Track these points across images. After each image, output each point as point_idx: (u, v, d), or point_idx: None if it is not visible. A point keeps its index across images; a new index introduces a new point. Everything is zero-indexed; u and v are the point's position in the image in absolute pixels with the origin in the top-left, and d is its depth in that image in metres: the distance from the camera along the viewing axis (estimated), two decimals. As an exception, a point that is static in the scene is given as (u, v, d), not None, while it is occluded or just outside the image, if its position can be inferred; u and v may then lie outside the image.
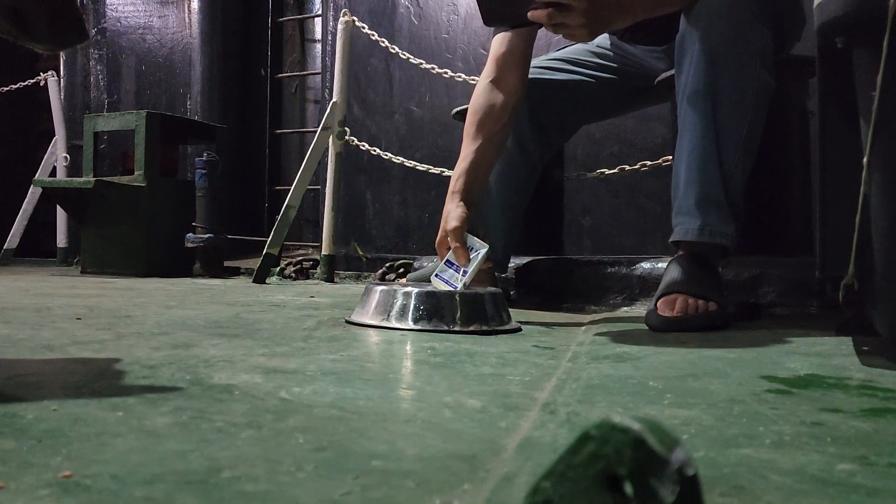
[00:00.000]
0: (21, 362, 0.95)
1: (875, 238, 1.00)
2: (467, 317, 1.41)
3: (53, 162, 4.85)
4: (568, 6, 1.48)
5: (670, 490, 0.33)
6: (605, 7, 1.51)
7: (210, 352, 1.05)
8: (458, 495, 0.48)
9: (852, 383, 0.91)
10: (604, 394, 0.83)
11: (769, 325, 1.57)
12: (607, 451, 0.34)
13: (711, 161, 1.56)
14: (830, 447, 0.61)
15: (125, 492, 0.46)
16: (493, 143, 1.81)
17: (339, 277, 3.53)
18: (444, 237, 1.64)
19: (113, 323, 1.37)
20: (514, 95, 1.85)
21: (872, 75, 0.91)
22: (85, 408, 0.68)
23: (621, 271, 2.13)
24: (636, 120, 3.59)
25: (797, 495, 0.49)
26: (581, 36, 1.54)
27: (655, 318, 1.48)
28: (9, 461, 0.51)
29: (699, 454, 0.58)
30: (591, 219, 3.88)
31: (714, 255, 1.60)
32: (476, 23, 4.36)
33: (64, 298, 1.95)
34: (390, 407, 0.74)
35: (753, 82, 1.56)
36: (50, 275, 3.52)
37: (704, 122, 1.56)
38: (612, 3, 1.52)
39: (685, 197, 1.59)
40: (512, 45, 1.87)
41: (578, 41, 1.74)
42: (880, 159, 0.96)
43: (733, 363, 1.05)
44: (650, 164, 2.92)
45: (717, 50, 1.54)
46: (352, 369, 0.94)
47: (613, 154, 3.74)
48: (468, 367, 0.99)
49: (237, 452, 0.55)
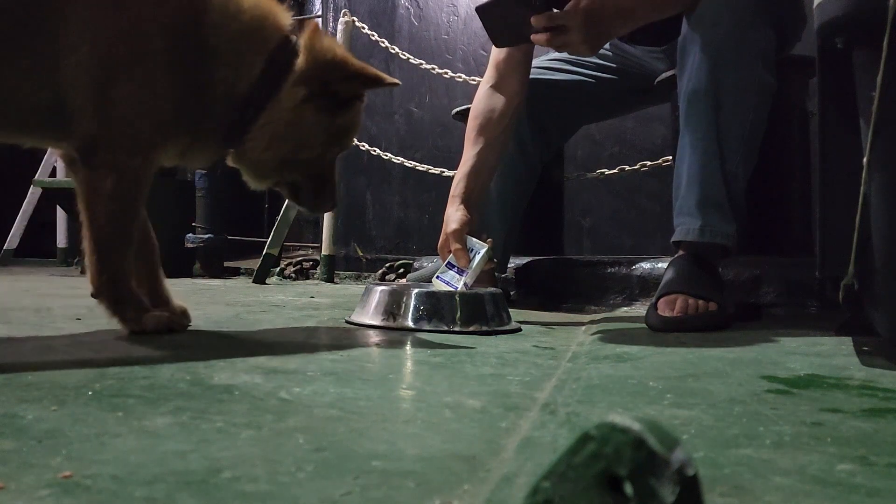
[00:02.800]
0: (21, 362, 0.95)
1: (875, 238, 1.00)
2: (467, 317, 1.42)
3: (53, 162, 4.85)
4: (564, 27, 1.50)
5: (670, 490, 0.33)
6: (601, 21, 1.52)
7: (210, 352, 1.05)
8: (458, 495, 0.48)
9: (852, 383, 0.91)
10: (604, 394, 0.83)
11: (769, 325, 1.57)
12: (607, 452, 0.34)
13: (713, 161, 1.56)
14: (830, 447, 0.61)
15: (125, 492, 0.46)
16: (494, 148, 1.82)
17: (339, 278, 3.53)
18: (446, 240, 1.65)
19: (113, 323, 1.37)
20: (515, 100, 1.86)
21: (872, 75, 0.91)
22: (85, 408, 0.68)
23: (621, 271, 2.13)
24: (636, 120, 3.59)
25: (797, 495, 0.49)
26: (584, 51, 1.56)
27: (655, 318, 1.48)
28: (9, 461, 0.51)
29: (699, 454, 0.58)
30: (591, 219, 3.88)
31: (715, 255, 1.60)
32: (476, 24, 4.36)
33: (64, 298, 1.95)
34: (390, 407, 0.74)
35: (755, 82, 1.56)
36: (50, 275, 3.52)
37: (706, 121, 1.56)
38: (608, 16, 1.53)
39: (686, 197, 1.59)
40: (511, 50, 1.88)
41: (584, 56, 1.75)
42: (880, 159, 0.96)
43: (733, 363, 1.05)
44: (650, 165, 2.92)
45: (720, 50, 1.54)
46: (352, 369, 0.94)
47: (613, 154, 3.74)
48: (468, 367, 0.99)
49: (237, 452, 0.55)
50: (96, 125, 1.13)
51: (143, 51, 1.14)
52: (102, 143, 1.14)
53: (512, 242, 2.13)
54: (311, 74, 1.25)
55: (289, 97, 1.24)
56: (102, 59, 1.11)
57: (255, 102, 1.24)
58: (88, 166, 1.15)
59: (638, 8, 1.56)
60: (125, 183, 1.16)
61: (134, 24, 1.13)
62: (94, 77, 1.11)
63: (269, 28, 1.25)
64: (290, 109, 1.24)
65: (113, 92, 1.13)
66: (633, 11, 1.56)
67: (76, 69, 1.11)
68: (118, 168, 1.15)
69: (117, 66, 1.12)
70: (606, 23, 1.54)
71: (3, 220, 5.00)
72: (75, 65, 1.11)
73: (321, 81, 1.25)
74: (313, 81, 1.25)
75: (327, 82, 1.26)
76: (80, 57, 1.11)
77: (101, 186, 1.15)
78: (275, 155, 1.27)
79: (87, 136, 1.14)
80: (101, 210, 1.16)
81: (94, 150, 1.14)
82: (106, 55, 1.11)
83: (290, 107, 1.24)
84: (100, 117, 1.13)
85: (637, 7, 1.56)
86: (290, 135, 1.26)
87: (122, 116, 1.14)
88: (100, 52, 1.11)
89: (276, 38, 1.26)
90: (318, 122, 1.27)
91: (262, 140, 1.25)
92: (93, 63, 1.11)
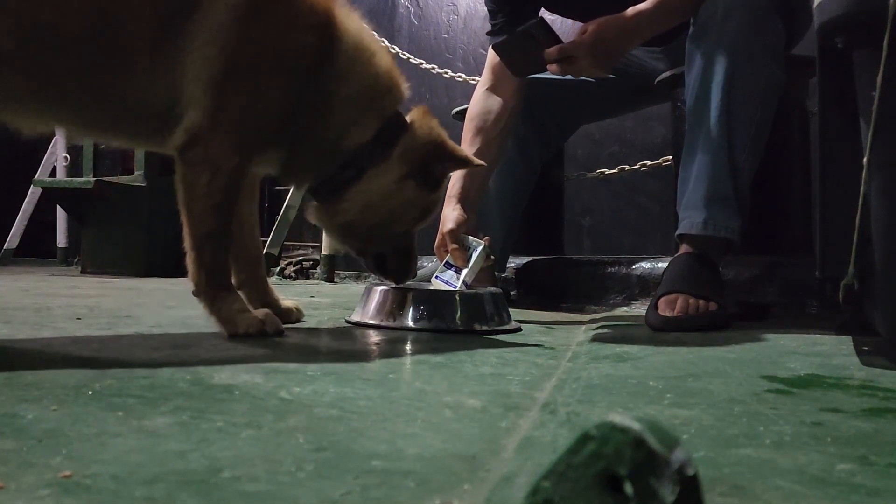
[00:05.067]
0: (21, 362, 0.95)
1: (875, 238, 1.00)
2: (467, 317, 1.42)
3: (53, 162, 4.84)
4: (572, 58, 1.57)
5: (670, 490, 0.33)
6: (607, 45, 1.59)
7: (210, 352, 1.05)
8: (458, 495, 0.48)
9: (852, 383, 0.91)
10: (604, 394, 0.83)
11: (769, 325, 1.57)
12: (607, 451, 0.34)
13: (722, 155, 1.56)
14: (830, 447, 0.61)
15: (125, 492, 0.46)
16: (490, 149, 1.82)
17: (339, 277, 3.53)
18: (442, 240, 1.65)
19: (113, 323, 1.37)
20: (511, 102, 1.86)
21: (872, 75, 0.91)
22: (85, 408, 0.68)
23: (621, 271, 2.13)
24: (636, 120, 3.59)
25: (797, 495, 0.49)
26: (597, 74, 1.64)
27: (656, 317, 1.48)
28: (9, 461, 0.51)
29: (699, 454, 0.58)
30: (591, 219, 3.88)
31: (719, 249, 1.60)
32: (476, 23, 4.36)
33: (64, 298, 1.95)
34: (390, 407, 0.74)
35: (765, 77, 1.56)
36: (50, 275, 3.52)
37: (716, 115, 1.56)
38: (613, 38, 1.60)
39: (694, 190, 1.59)
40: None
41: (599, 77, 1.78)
42: (880, 159, 0.96)
43: (733, 363, 1.05)
44: (650, 164, 2.92)
45: (731, 43, 1.54)
46: (352, 369, 0.94)
47: (613, 154, 3.74)
48: (468, 367, 0.99)
49: (237, 452, 0.55)
50: (205, 119, 1.15)
51: (267, 64, 1.19)
52: (206, 137, 1.16)
53: (511, 242, 2.13)
54: (416, 152, 1.31)
55: (393, 169, 1.29)
56: (228, 60, 1.14)
57: (358, 164, 1.29)
58: (187, 162, 1.18)
59: (642, 26, 1.60)
60: (221, 179, 1.18)
61: (265, 38, 1.18)
62: (215, 76, 1.14)
63: (391, 99, 1.32)
64: (392, 182, 1.30)
65: (230, 92, 1.16)
66: (637, 29, 1.60)
67: (201, 64, 1.14)
68: (216, 164, 1.17)
69: (239, 70, 1.16)
70: (613, 45, 1.60)
71: (3, 220, 5.00)
72: (202, 59, 1.13)
73: (423, 161, 1.32)
74: (416, 159, 1.31)
75: (428, 162, 1.33)
76: (206, 53, 1.13)
77: (197, 182, 1.17)
78: (366, 222, 1.32)
79: (191, 131, 1.16)
80: (197, 206, 1.18)
81: (195, 145, 1.16)
82: (232, 58, 1.15)
83: (392, 179, 1.29)
84: (210, 113, 1.15)
85: (640, 25, 1.60)
86: (386, 206, 1.31)
87: (232, 116, 1.17)
88: (227, 53, 1.14)
89: (392, 109, 1.33)
90: (415, 199, 1.33)
91: (356, 204, 1.30)
92: (217, 62, 1.14)
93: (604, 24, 1.58)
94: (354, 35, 1.27)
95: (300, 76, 1.21)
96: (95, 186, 3.51)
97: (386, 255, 1.40)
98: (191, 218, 1.19)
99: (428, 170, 1.33)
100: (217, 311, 1.21)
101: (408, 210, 1.34)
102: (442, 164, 1.36)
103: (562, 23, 3.02)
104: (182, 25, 1.13)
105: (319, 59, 1.22)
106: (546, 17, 1.94)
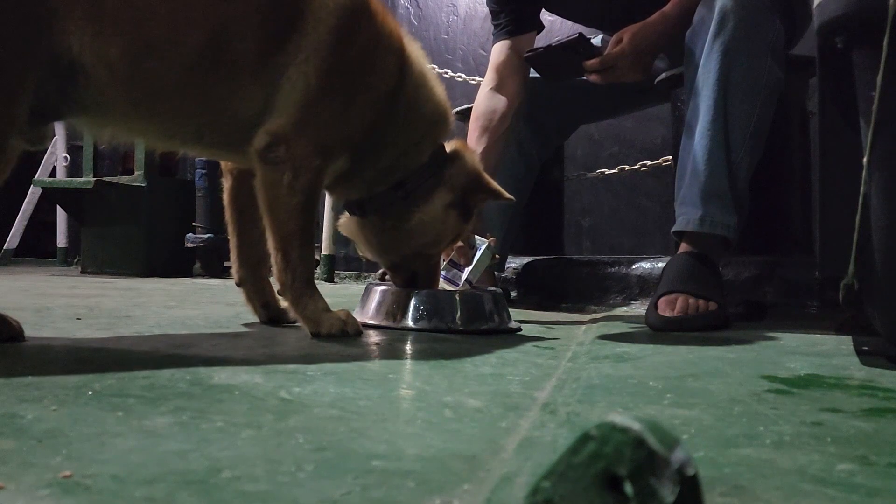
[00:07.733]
0: (21, 362, 0.95)
1: (875, 238, 1.00)
2: (467, 317, 1.41)
3: (53, 162, 4.84)
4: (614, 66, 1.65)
5: (670, 490, 0.33)
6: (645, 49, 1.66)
7: (210, 352, 1.05)
8: (458, 495, 0.48)
9: (852, 383, 0.91)
10: (604, 394, 0.83)
11: (769, 325, 1.57)
12: (607, 451, 0.34)
13: (719, 152, 1.56)
14: (830, 447, 0.61)
15: (125, 492, 0.46)
16: (496, 148, 1.83)
17: (339, 277, 3.53)
18: None
19: (113, 323, 1.37)
20: (515, 101, 1.87)
21: (872, 75, 0.91)
22: (85, 408, 0.68)
23: (621, 271, 2.13)
24: (636, 120, 3.59)
25: (797, 495, 0.49)
26: (636, 78, 1.70)
27: (655, 317, 1.48)
28: (9, 461, 0.51)
29: (699, 454, 0.58)
30: (590, 219, 3.88)
31: (716, 246, 1.60)
32: (475, 24, 4.36)
33: (64, 298, 1.95)
34: (390, 407, 0.74)
35: (764, 74, 1.57)
36: (50, 275, 3.52)
37: (714, 111, 1.56)
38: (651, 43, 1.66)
39: (690, 187, 1.59)
40: (510, 53, 1.89)
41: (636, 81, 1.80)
42: (880, 159, 0.96)
43: (733, 363, 1.05)
44: (650, 165, 2.92)
45: (731, 39, 1.55)
46: (352, 369, 0.94)
47: (613, 154, 3.74)
48: (468, 367, 0.99)
49: (237, 452, 0.55)
50: (290, 124, 1.18)
51: (357, 79, 1.24)
52: (290, 139, 1.19)
53: (510, 241, 2.13)
54: (460, 183, 1.38)
55: (443, 195, 1.37)
56: (322, 69, 1.19)
57: (410, 186, 1.35)
58: (269, 162, 1.20)
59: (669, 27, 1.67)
60: (304, 178, 1.20)
61: (358, 57, 1.24)
62: (308, 82, 1.18)
63: (444, 127, 1.39)
64: (441, 207, 1.37)
65: (320, 97, 1.20)
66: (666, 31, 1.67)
67: (297, 78, 1.18)
68: (299, 164, 1.19)
69: (332, 79, 1.20)
70: (650, 48, 1.67)
71: (3, 220, 5.00)
72: (298, 73, 1.18)
73: (464, 191, 1.39)
74: (458, 189, 1.38)
75: (467, 193, 1.40)
76: (304, 69, 1.18)
77: (279, 180, 1.19)
78: (414, 242, 1.39)
79: (275, 133, 1.19)
80: (281, 205, 1.20)
81: (278, 146, 1.19)
82: (326, 68, 1.19)
83: (442, 204, 1.37)
84: (299, 116, 1.19)
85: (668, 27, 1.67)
86: (435, 229, 1.39)
87: (319, 120, 1.21)
88: (323, 64, 1.19)
89: (443, 137, 1.40)
90: (455, 226, 1.41)
91: (410, 223, 1.37)
92: (313, 76, 1.19)
93: (638, 31, 1.65)
94: (418, 62, 1.33)
95: (381, 94, 1.27)
96: (95, 186, 3.51)
97: (419, 272, 1.45)
98: (274, 218, 1.21)
99: (466, 199, 1.40)
100: (302, 310, 1.23)
101: (447, 234, 1.41)
102: (480, 196, 1.43)
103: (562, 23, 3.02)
104: (284, 43, 1.18)
105: (397, 81, 1.29)
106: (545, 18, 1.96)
